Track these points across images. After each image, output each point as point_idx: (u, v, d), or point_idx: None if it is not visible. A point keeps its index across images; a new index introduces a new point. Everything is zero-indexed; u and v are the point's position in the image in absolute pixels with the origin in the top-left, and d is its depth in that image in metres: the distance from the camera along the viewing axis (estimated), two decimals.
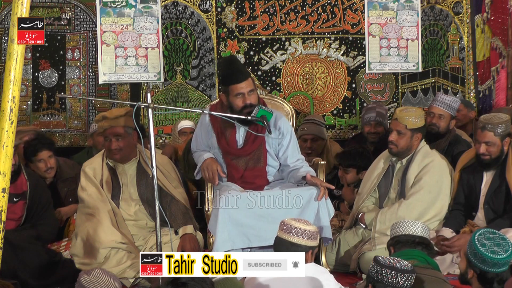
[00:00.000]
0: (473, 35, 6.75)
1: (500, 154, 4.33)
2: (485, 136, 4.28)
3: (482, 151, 4.31)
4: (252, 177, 4.39)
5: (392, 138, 4.57)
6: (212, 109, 4.43)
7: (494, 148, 4.30)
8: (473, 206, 4.45)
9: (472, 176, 4.46)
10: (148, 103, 3.67)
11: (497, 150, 4.31)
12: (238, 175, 4.38)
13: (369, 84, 6.61)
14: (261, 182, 4.41)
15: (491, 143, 4.29)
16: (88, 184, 4.52)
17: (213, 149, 4.45)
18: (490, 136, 4.28)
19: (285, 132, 4.43)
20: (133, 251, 4.30)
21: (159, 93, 6.24)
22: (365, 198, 4.69)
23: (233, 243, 4.10)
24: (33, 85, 6.08)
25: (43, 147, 5.09)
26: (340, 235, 4.67)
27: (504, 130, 4.28)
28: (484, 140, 4.29)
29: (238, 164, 4.38)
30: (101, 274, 3.36)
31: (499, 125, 4.26)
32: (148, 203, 4.46)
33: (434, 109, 5.17)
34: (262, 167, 4.41)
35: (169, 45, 6.24)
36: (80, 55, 6.19)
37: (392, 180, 4.65)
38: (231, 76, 4.31)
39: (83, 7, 6.16)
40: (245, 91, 4.25)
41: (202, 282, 2.65)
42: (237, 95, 4.25)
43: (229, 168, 4.41)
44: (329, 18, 6.49)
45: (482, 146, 4.31)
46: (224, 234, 4.08)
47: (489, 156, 4.32)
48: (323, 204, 4.18)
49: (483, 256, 3.04)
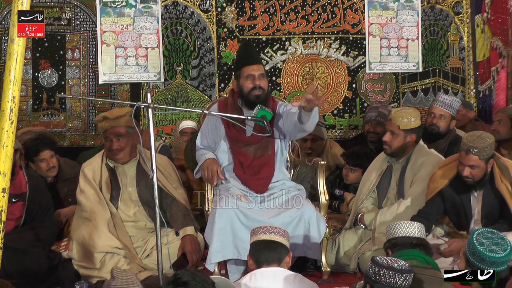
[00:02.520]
0: (473, 35, 6.76)
1: (483, 176, 4.15)
2: (470, 160, 4.08)
3: (466, 174, 4.12)
4: (260, 166, 4.40)
5: (385, 138, 4.59)
6: (220, 104, 4.48)
7: (478, 171, 4.11)
8: (463, 225, 4.31)
9: (458, 198, 4.27)
10: (148, 103, 3.67)
11: (481, 173, 4.13)
12: (247, 163, 4.39)
13: (369, 84, 6.61)
14: (268, 172, 4.41)
15: (476, 166, 4.10)
16: (86, 186, 4.51)
17: (220, 142, 4.44)
18: (475, 160, 4.08)
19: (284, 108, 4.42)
20: (129, 256, 4.28)
21: (159, 93, 6.24)
22: (364, 199, 4.70)
23: (224, 254, 4.15)
24: (33, 85, 6.07)
25: (45, 147, 5.10)
26: (340, 235, 4.68)
27: (489, 153, 4.10)
28: (469, 163, 4.09)
29: (248, 151, 4.41)
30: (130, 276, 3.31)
31: (485, 149, 4.06)
32: (147, 204, 4.45)
33: (435, 109, 5.17)
34: (270, 155, 4.42)
35: (169, 45, 6.23)
36: (80, 55, 6.19)
37: (390, 180, 4.66)
38: (243, 58, 4.40)
39: (83, 7, 6.16)
40: (256, 73, 4.30)
41: (203, 281, 2.64)
42: (248, 76, 4.30)
43: (237, 157, 4.41)
44: (329, 18, 6.49)
45: (466, 169, 4.11)
46: (217, 244, 4.12)
47: (472, 179, 4.14)
48: (313, 222, 4.20)
49: (481, 255, 3.05)
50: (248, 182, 4.39)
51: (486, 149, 4.06)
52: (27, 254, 4.19)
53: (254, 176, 4.40)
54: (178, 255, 4.32)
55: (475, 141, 4.07)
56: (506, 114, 5.03)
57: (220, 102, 4.62)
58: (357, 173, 5.11)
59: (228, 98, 4.53)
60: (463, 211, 4.28)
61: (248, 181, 4.39)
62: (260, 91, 4.29)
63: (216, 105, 4.56)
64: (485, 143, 4.06)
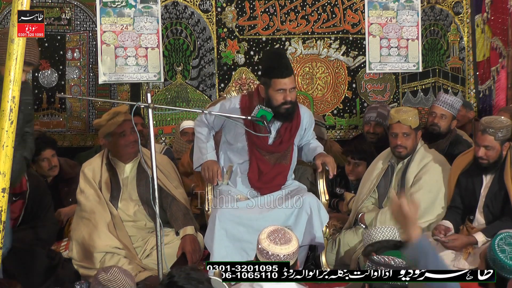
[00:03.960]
0: (473, 35, 6.75)
1: (498, 159, 4.24)
2: (485, 140, 4.18)
3: (481, 155, 4.21)
4: (275, 174, 4.41)
5: (400, 142, 4.55)
6: (243, 99, 4.38)
7: (493, 152, 4.20)
8: (471, 209, 4.39)
9: (471, 180, 4.37)
10: (148, 103, 3.67)
11: (496, 154, 4.22)
12: (266, 170, 4.37)
13: (369, 84, 6.61)
14: (281, 181, 4.42)
15: (491, 147, 4.19)
16: (86, 186, 4.51)
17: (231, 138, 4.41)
18: (490, 140, 4.17)
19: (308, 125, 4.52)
20: (128, 256, 4.28)
21: (159, 93, 6.24)
22: (365, 198, 4.70)
23: (232, 259, 4.07)
24: (33, 85, 6.07)
25: (46, 146, 5.10)
26: (340, 235, 4.68)
27: (505, 135, 4.18)
28: (484, 143, 4.19)
29: (270, 160, 4.40)
30: (118, 273, 3.36)
31: (501, 130, 4.16)
32: (147, 203, 4.45)
33: (436, 109, 5.16)
34: (287, 164, 4.44)
35: (169, 45, 6.23)
36: (80, 55, 6.19)
37: (391, 180, 4.65)
38: (277, 69, 4.23)
39: (83, 7, 6.16)
40: (288, 87, 4.22)
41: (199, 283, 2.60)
42: (279, 90, 4.21)
43: (257, 163, 4.38)
44: (329, 18, 6.49)
45: (481, 149, 4.21)
46: (221, 251, 4.09)
47: (487, 161, 4.23)
48: (315, 212, 4.20)
49: (502, 263, 3.07)
50: (258, 186, 4.39)
51: (502, 130, 4.16)
52: (28, 253, 4.19)
53: (267, 184, 4.39)
54: (178, 255, 4.32)
55: (492, 122, 4.18)
56: (509, 113, 5.01)
57: (243, 96, 4.48)
58: (362, 167, 5.15)
59: (254, 95, 4.38)
60: (472, 194, 4.35)
61: (257, 186, 4.39)
62: (290, 105, 4.25)
63: (239, 98, 4.43)
64: (501, 124, 4.18)
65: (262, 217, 4.17)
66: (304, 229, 4.22)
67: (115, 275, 3.35)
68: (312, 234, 4.23)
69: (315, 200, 4.27)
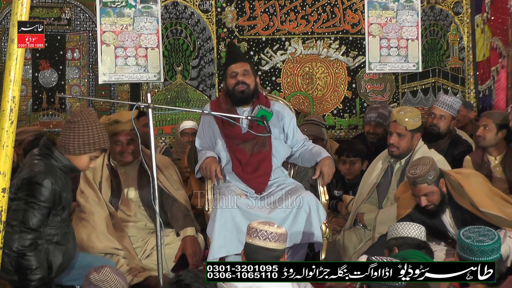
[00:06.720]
0: (473, 35, 6.76)
1: (443, 198, 4.04)
2: (420, 190, 3.97)
3: (425, 204, 4.01)
4: (258, 162, 4.42)
5: (392, 141, 4.55)
6: (212, 104, 4.53)
7: (434, 196, 4.01)
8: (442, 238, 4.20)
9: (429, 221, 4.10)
10: (148, 103, 3.67)
11: (438, 196, 4.01)
12: (245, 160, 4.40)
13: (369, 84, 6.61)
14: (266, 169, 4.42)
15: (429, 193, 4.00)
16: (86, 187, 4.50)
17: (216, 141, 4.47)
18: (425, 188, 3.97)
19: (286, 116, 4.51)
20: (128, 257, 4.27)
21: (159, 93, 6.24)
22: (365, 199, 4.70)
23: (228, 249, 4.12)
24: (33, 85, 6.08)
25: None
26: (340, 235, 4.68)
27: (435, 176, 3.97)
28: (421, 193, 3.99)
29: (245, 148, 4.42)
30: (110, 273, 3.37)
31: (428, 174, 3.94)
32: (148, 205, 4.44)
33: (435, 110, 5.16)
34: (268, 151, 4.44)
35: (169, 45, 6.24)
36: (80, 55, 6.19)
37: (391, 180, 4.65)
38: (228, 58, 4.53)
39: (83, 7, 6.16)
40: (239, 70, 4.37)
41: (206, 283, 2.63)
42: (231, 74, 4.38)
43: (235, 154, 4.42)
44: (329, 18, 6.49)
45: (422, 199, 4.00)
46: (220, 240, 4.10)
47: (433, 205, 4.03)
48: (314, 210, 4.20)
49: (469, 247, 3.14)
50: (248, 180, 4.40)
51: (429, 173, 3.95)
52: None
53: (253, 173, 4.40)
54: (178, 256, 4.32)
55: (415, 171, 3.96)
56: (492, 119, 4.92)
57: (212, 102, 4.65)
58: (358, 164, 5.20)
59: (220, 97, 4.58)
60: (437, 230, 4.17)
61: (247, 179, 4.40)
62: (243, 86, 4.35)
63: (208, 106, 4.58)
64: (424, 168, 3.94)
65: (263, 214, 4.17)
66: (303, 227, 4.22)
67: (107, 275, 3.36)
68: (310, 232, 4.23)
69: (313, 198, 4.27)
